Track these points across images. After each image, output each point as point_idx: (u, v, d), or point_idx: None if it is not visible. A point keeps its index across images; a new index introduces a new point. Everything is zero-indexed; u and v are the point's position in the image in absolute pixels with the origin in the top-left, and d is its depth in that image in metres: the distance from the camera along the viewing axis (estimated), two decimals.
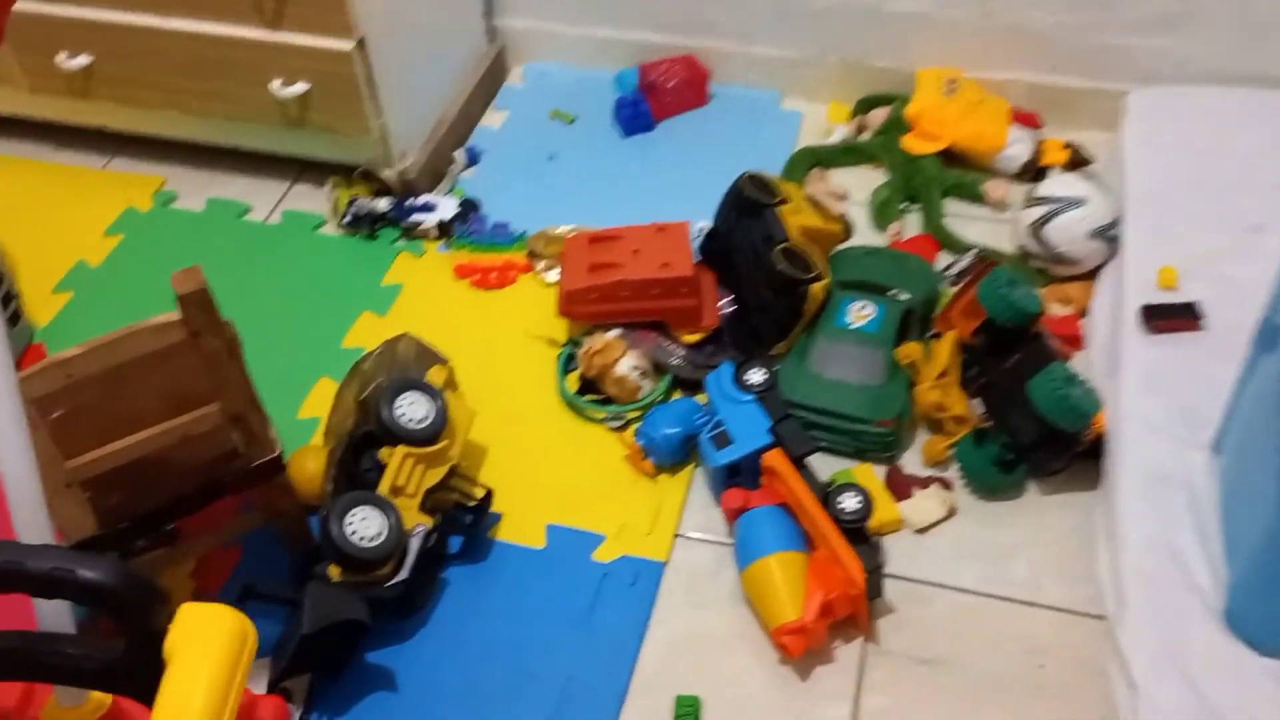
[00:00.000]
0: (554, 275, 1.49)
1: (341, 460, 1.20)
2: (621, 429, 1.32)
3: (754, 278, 1.36)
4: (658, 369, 1.35)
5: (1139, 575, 1.07)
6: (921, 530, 1.21)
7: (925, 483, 1.25)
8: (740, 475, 1.22)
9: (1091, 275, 1.44)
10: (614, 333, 1.35)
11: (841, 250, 1.46)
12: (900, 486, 1.25)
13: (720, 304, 1.41)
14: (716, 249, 1.44)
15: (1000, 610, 1.15)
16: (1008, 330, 1.25)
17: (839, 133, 1.70)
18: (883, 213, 1.56)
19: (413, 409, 1.16)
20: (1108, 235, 1.41)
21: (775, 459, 1.18)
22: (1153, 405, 1.20)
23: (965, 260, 1.49)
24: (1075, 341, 1.39)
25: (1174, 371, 1.23)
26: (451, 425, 1.19)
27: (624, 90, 1.77)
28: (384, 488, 1.13)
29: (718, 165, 1.63)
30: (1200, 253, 1.36)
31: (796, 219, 1.39)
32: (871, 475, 1.25)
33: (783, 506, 1.16)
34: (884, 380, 1.27)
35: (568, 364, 1.38)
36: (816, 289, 1.32)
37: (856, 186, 1.62)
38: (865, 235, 1.54)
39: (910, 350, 1.28)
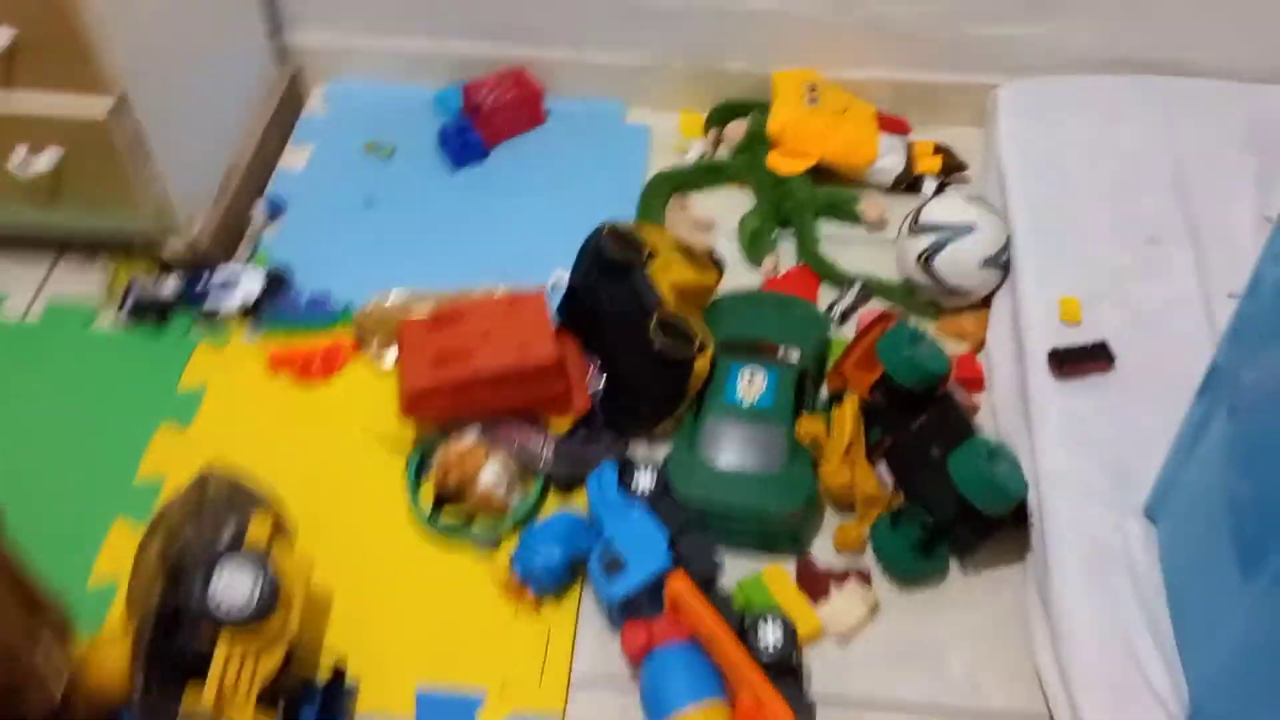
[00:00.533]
0: (391, 357, 1.26)
1: (150, 644, 0.97)
2: (495, 548, 1.13)
3: (628, 353, 1.18)
4: (527, 471, 1.16)
5: (1093, 684, 0.96)
6: (844, 635, 1.08)
7: (842, 577, 1.11)
8: (639, 603, 1.05)
9: (984, 302, 1.33)
10: (470, 436, 1.14)
11: (718, 301, 1.30)
12: (814, 583, 1.11)
13: (589, 375, 1.23)
14: (578, 309, 1.25)
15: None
16: (913, 391, 1.12)
17: (695, 149, 1.52)
18: (754, 245, 1.40)
19: (232, 589, 0.93)
20: (1000, 262, 1.29)
21: (680, 587, 1.01)
22: (1078, 465, 1.09)
23: (850, 295, 1.35)
24: (976, 383, 1.28)
25: (1094, 423, 1.12)
26: (285, 592, 0.97)
27: (447, 113, 1.54)
28: (209, 696, 0.91)
29: (564, 196, 1.46)
30: (1099, 275, 1.25)
31: (667, 276, 1.21)
32: (782, 577, 1.11)
33: (694, 641, 1.00)
34: (786, 464, 1.12)
35: (419, 472, 1.17)
36: (701, 364, 1.15)
37: (721, 211, 1.45)
38: (737, 272, 1.38)
39: (811, 428, 1.13)
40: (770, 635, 0.98)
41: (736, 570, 1.11)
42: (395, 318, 1.24)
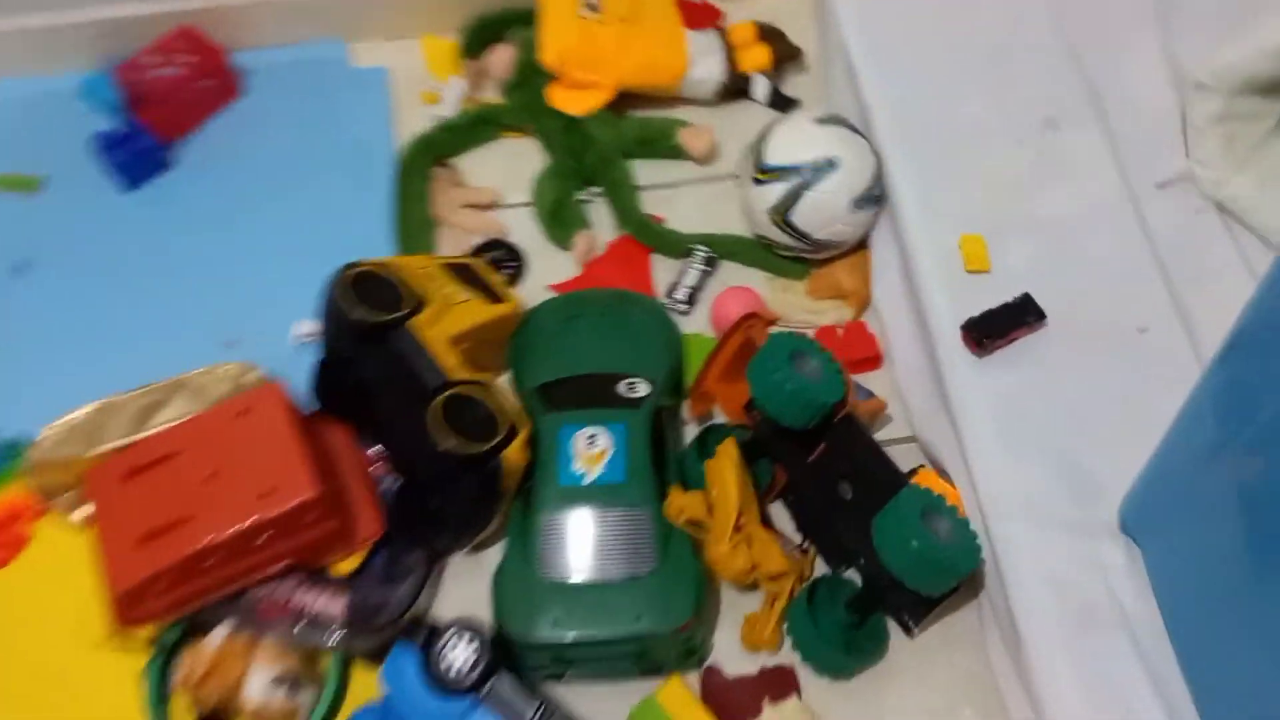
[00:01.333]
0: (86, 513, 0.90)
1: None
2: None
3: (414, 446, 0.85)
4: (315, 654, 0.84)
5: None
6: None
7: (764, 684, 0.85)
8: None
9: (860, 245, 1.03)
10: (220, 635, 0.81)
11: (525, 326, 0.96)
12: (730, 702, 0.84)
13: (373, 475, 0.90)
14: (338, 383, 0.90)
15: None
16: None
17: (451, 92, 1.14)
18: (557, 221, 1.06)
19: None
20: (873, 196, 0.99)
21: None
22: (1024, 476, 0.83)
23: (693, 269, 1.03)
24: (874, 361, 1.00)
25: (1034, 410, 0.86)
26: None
27: (99, 109, 1.10)
28: None
29: (288, 201, 1.08)
30: (998, 191, 0.97)
31: (443, 328, 0.87)
32: (683, 697, 0.83)
33: None
34: (659, 558, 0.83)
35: (163, 682, 0.83)
36: (514, 456, 0.83)
37: (505, 177, 1.10)
38: (543, 261, 1.04)
39: (685, 505, 0.84)
40: None
41: (616, 699, 0.84)
42: (79, 455, 0.87)
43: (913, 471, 0.89)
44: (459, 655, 0.77)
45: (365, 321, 0.84)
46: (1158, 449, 0.77)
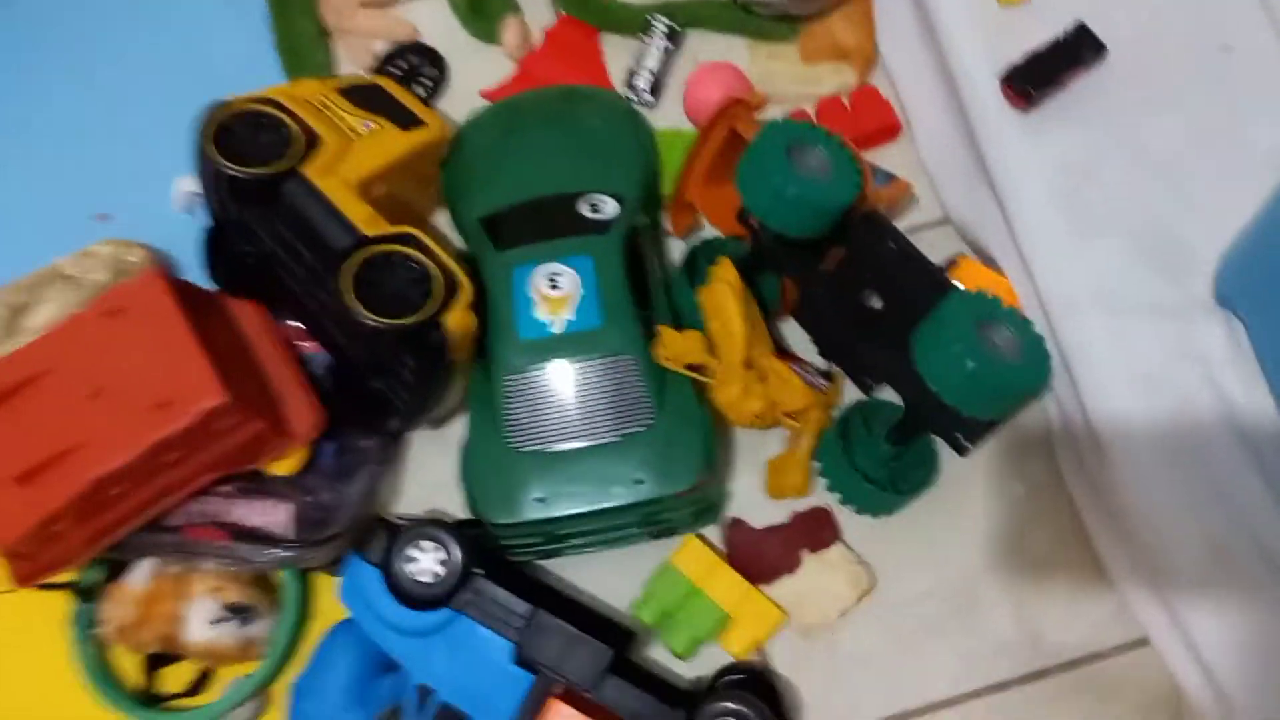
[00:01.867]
0: None
1: None
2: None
3: (337, 322, 0.70)
4: (263, 580, 0.71)
5: (1207, 605, 0.61)
6: (813, 626, 0.71)
7: (798, 532, 0.72)
8: None
9: None
10: (144, 573, 0.68)
11: (459, 143, 0.78)
12: (762, 557, 0.72)
13: (300, 347, 0.74)
14: (233, 256, 0.73)
15: (1005, 707, 0.69)
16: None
17: None
18: (479, 9, 0.85)
19: None
20: None
21: (561, 711, 0.62)
22: (1091, 258, 0.67)
23: (656, 46, 0.84)
24: (891, 131, 0.81)
25: (1095, 175, 0.68)
26: None
27: None
28: None
29: (150, 32, 0.88)
30: None
31: (347, 171, 0.69)
32: (706, 558, 0.71)
33: None
34: (654, 410, 0.68)
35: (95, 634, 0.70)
36: (458, 316, 0.67)
37: None
38: (469, 62, 0.84)
39: (678, 349, 0.68)
40: None
41: (626, 570, 0.71)
42: None
43: (952, 263, 0.72)
44: (425, 562, 0.64)
45: (242, 178, 0.66)
46: (1272, 195, 0.60)
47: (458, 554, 0.64)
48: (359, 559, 0.66)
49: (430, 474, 0.74)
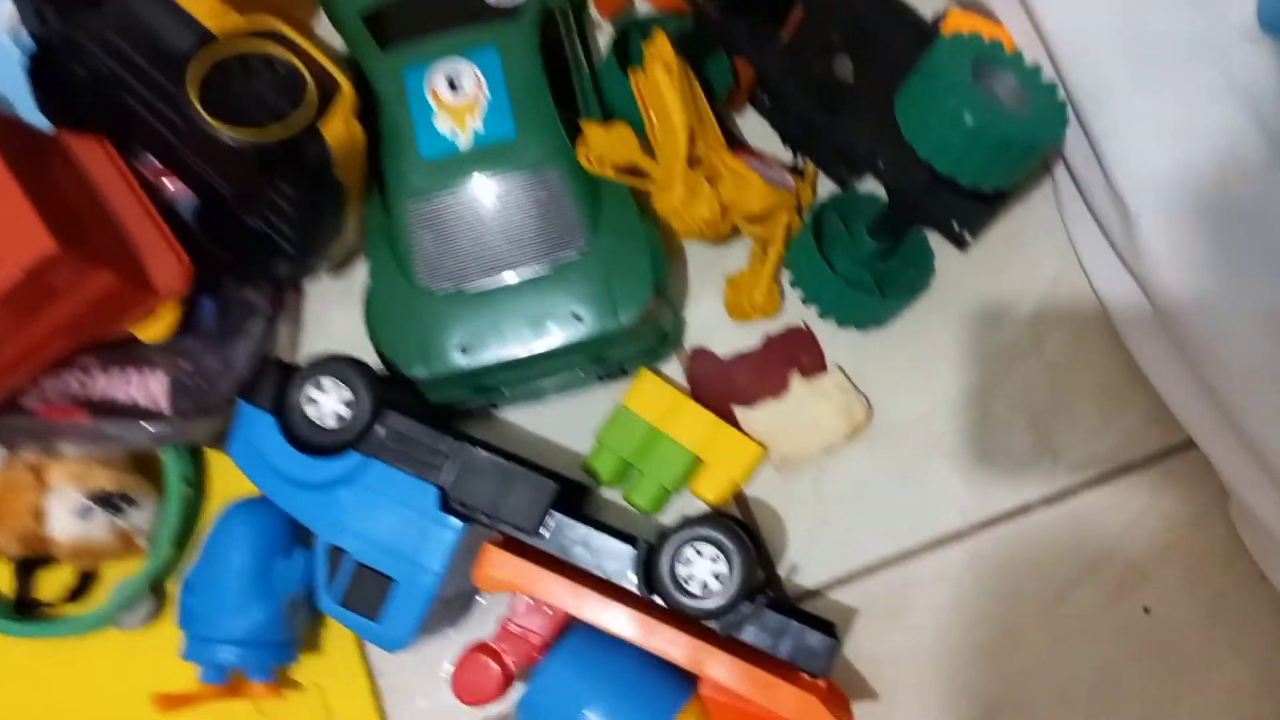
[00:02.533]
0: None
1: None
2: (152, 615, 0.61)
3: (194, 156, 0.57)
4: (145, 464, 0.60)
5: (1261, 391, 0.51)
6: (793, 461, 0.61)
7: (772, 358, 0.61)
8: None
9: None
10: None
11: None
12: (732, 389, 0.61)
13: (159, 187, 0.62)
14: (65, 83, 0.60)
15: (1022, 537, 0.60)
16: None
17: None
18: None
19: None
20: None
21: (500, 559, 0.52)
22: None
23: None
24: None
25: None
26: None
27: None
28: None
29: None
30: None
31: None
32: (665, 396, 0.60)
33: (575, 636, 0.54)
34: (587, 231, 0.57)
35: None
36: (337, 125, 0.54)
37: None
38: None
39: (605, 147, 0.56)
40: (697, 567, 0.52)
41: (575, 426, 0.61)
42: None
43: (939, 19, 0.59)
44: (327, 403, 0.54)
45: None
46: None
47: (365, 392, 0.54)
48: (249, 406, 0.55)
49: (335, 328, 0.63)
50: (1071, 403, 0.60)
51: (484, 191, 0.57)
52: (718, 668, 0.51)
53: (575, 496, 0.60)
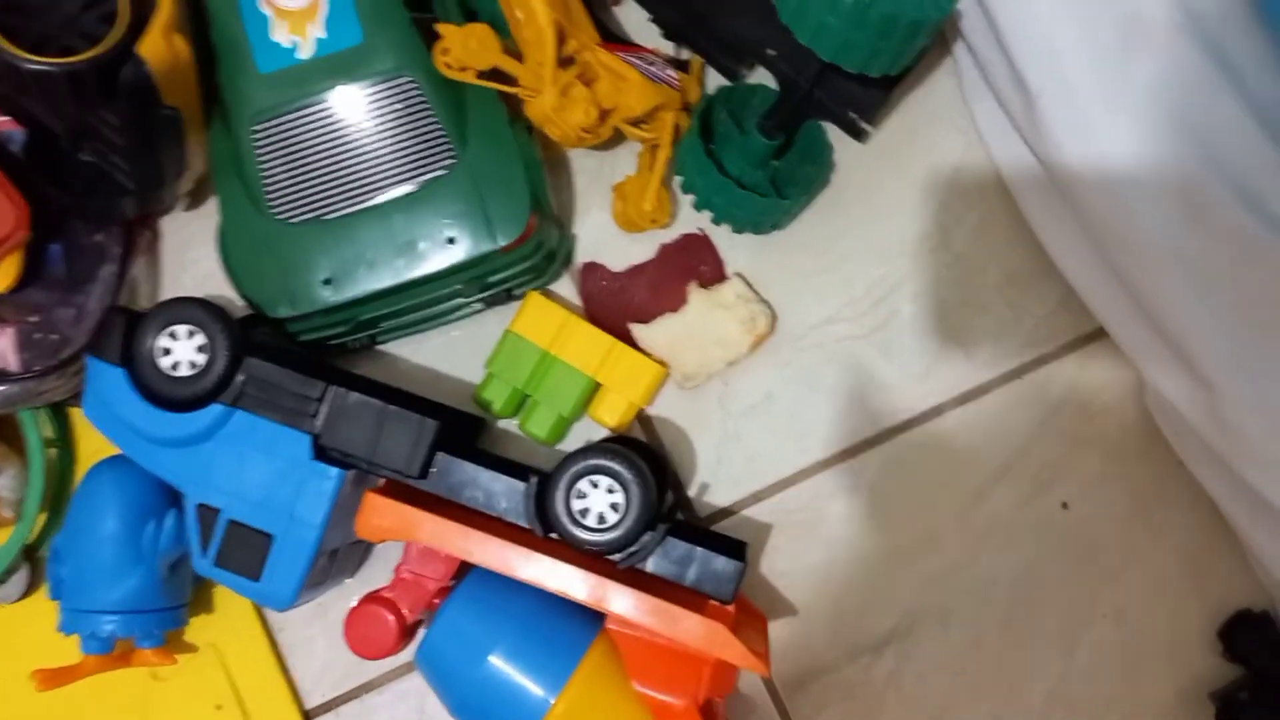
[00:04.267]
0: None
1: None
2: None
3: (4, 86, 0.51)
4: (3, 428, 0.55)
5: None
6: (694, 376, 0.57)
7: (670, 267, 0.57)
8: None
9: None
10: None
11: None
12: (628, 305, 0.57)
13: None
14: None
15: (938, 437, 0.57)
16: None
17: None
18: None
19: None
20: None
21: (382, 506, 0.49)
22: None
23: None
24: None
25: None
26: None
27: None
28: None
29: None
30: None
31: None
32: (556, 318, 0.56)
33: (473, 579, 0.50)
34: (455, 143, 0.51)
35: None
36: (155, 43, 0.48)
37: None
38: None
39: (464, 50, 0.50)
40: (594, 500, 0.49)
41: (463, 358, 0.57)
42: None
43: None
44: (181, 351, 0.49)
45: None
46: None
47: (222, 337, 0.49)
48: (96, 361, 0.50)
49: (200, 268, 0.59)
50: (980, 296, 0.57)
51: (334, 106, 0.51)
52: (620, 602, 0.48)
53: (468, 432, 0.56)
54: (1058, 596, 0.56)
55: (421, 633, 0.53)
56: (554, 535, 0.50)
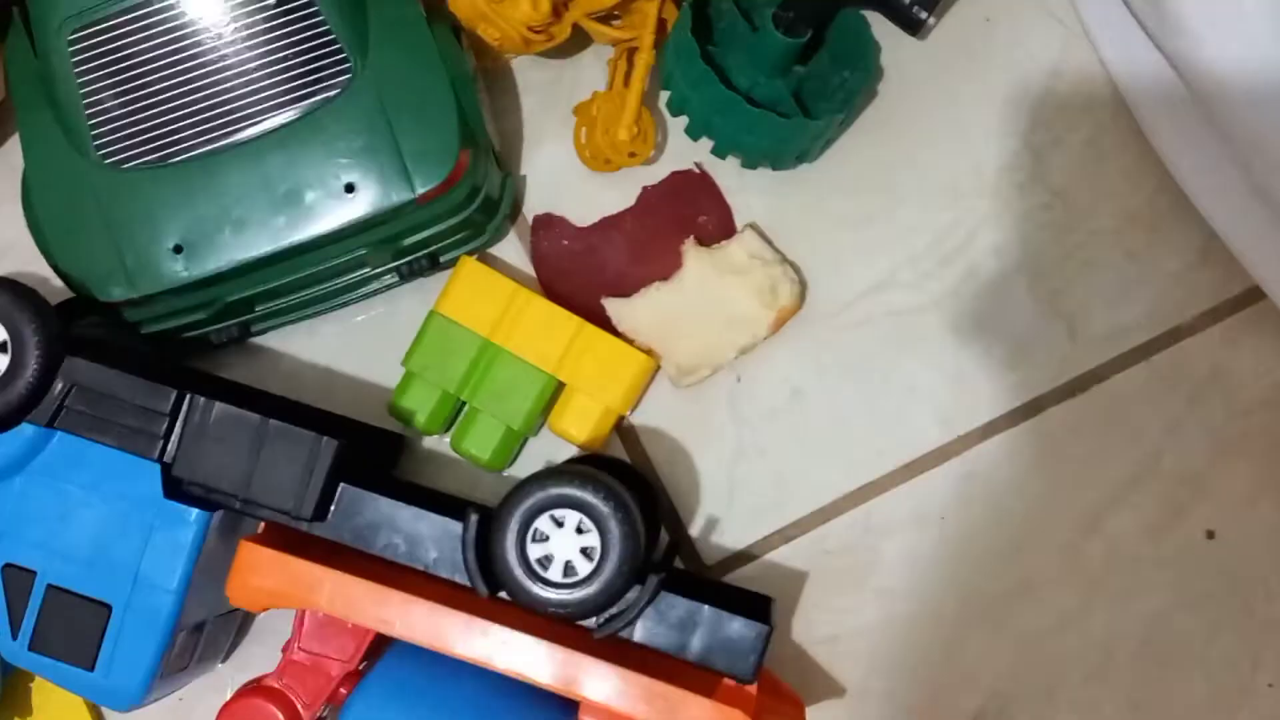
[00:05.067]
0: None
1: None
2: None
3: None
4: None
5: None
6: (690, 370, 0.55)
7: (657, 216, 0.55)
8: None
9: None
10: None
11: None
12: (595, 266, 0.55)
13: None
14: None
15: (1027, 447, 0.55)
16: None
17: None
18: None
19: None
20: None
21: (263, 561, 0.47)
22: None
23: None
24: None
25: None
26: None
27: None
28: None
29: None
30: None
31: None
32: (493, 290, 0.52)
33: (394, 657, 0.49)
34: (353, 53, 0.49)
35: None
36: None
37: None
38: None
39: None
40: (560, 544, 0.47)
41: (372, 354, 0.55)
42: None
43: None
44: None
45: None
46: None
47: (31, 332, 0.47)
48: None
49: (6, 234, 0.57)
50: (1089, 247, 0.56)
51: (183, 2, 0.48)
52: (598, 685, 0.46)
53: (382, 455, 0.55)
54: (1204, 658, 0.55)
55: None
56: (504, 595, 0.48)
